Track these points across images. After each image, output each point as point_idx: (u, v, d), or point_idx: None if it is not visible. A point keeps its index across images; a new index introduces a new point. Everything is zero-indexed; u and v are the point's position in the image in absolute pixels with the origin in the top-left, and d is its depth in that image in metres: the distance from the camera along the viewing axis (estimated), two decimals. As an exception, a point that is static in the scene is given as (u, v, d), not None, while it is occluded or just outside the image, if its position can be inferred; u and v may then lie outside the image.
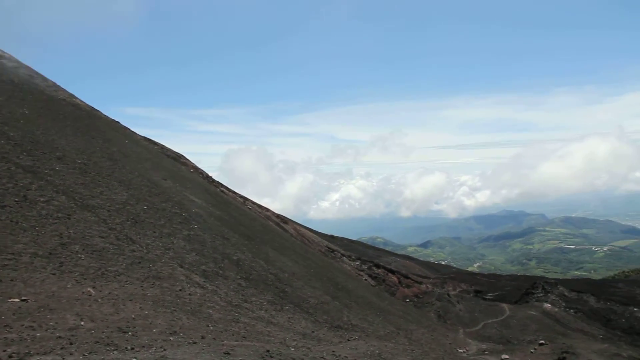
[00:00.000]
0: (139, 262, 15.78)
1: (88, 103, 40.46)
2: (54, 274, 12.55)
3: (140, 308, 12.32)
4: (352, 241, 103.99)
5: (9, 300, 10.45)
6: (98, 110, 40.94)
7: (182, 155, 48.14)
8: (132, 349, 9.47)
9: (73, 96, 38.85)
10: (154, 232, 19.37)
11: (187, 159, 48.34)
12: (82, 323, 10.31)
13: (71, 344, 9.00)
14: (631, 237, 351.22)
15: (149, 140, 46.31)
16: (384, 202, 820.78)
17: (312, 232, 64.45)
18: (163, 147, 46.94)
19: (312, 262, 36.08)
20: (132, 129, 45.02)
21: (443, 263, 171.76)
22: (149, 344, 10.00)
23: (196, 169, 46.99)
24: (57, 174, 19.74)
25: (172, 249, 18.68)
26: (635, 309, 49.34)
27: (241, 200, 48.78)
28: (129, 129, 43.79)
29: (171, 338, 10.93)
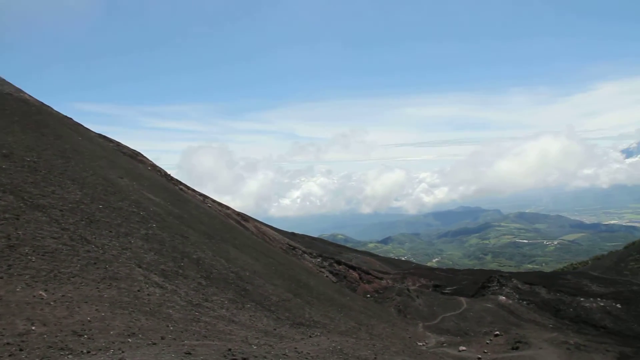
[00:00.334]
0: (95, 263, 15.27)
1: (37, 98, 38.76)
2: (1, 277, 11.98)
3: (96, 310, 11.93)
4: (314, 238, 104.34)
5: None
6: (48, 106, 39.27)
7: (139, 153, 46.89)
8: (88, 352, 9.17)
9: (20, 90, 37.10)
10: (110, 231, 18.79)
11: (145, 157, 47.12)
12: (33, 328, 9.89)
13: (21, 350, 8.63)
14: (579, 231, 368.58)
15: (104, 137, 44.85)
16: (345, 199, 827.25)
17: (273, 230, 64.22)
18: (119, 144, 45.57)
19: (274, 259, 35.96)
20: (85, 125, 43.49)
21: (403, 259, 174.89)
22: (106, 347, 9.72)
23: (154, 166, 45.88)
24: (3, 173, 18.83)
25: (130, 249, 18.18)
26: (582, 299, 51.77)
27: (201, 198, 48.01)
28: (82, 126, 42.26)
29: (129, 340, 10.65)
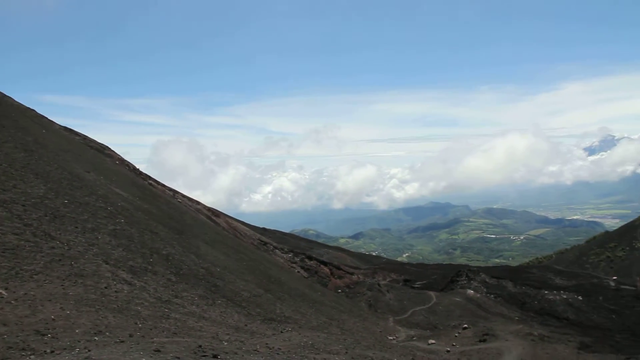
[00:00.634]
0: (60, 260, 14.83)
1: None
2: (-40, 275, 11.51)
3: (61, 308, 11.59)
4: (285, 234, 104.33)
5: None
6: (9, 97, 37.88)
7: (107, 147, 45.80)
8: (52, 352, 8.90)
9: (-19, 81, 35.65)
10: (76, 227, 18.27)
11: (113, 151, 46.06)
12: (-7, 327, 9.54)
13: (-20, 350, 8.31)
14: (544, 226, 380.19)
15: (70, 130, 43.59)
16: (317, 195, 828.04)
17: (244, 225, 63.82)
18: (85, 137, 44.39)
19: (245, 255, 35.75)
20: (50, 118, 42.18)
21: (374, 254, 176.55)
22: (72, 346, 9.45)
23: (122, 161, 44.89)
24: (-37, 166, 18.08)
25: (97, 245, 17.73)
26: (546, 292, 53.43)
27: (171, 193, 47.28)
28: (46, 118, 40.96)
29: (96, 338, 10.40)
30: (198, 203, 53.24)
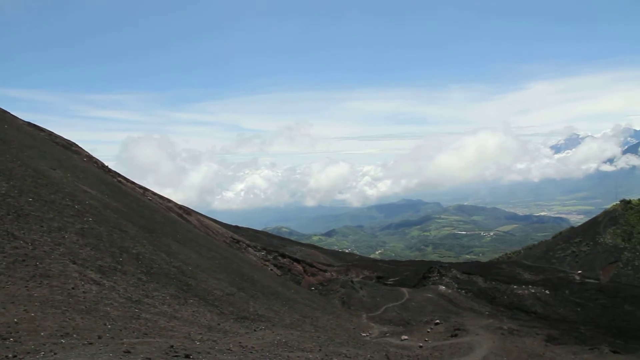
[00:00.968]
0: (23, 260, 14.31)
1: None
2: None
3: (25, 310, 11.17)
4: (258, 231, 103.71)
5: None
6: (-29, 92, 36.42)
7: (74, 143, 44.53)
8: (15, 356, 8.56)
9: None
10: (42, 226, 17.67)
11: (80, 147, 44.80)
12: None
13: (-62, 355, 7.92)
14: (513, 222, 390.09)
15: (34, 125, 42.21)
16: (289, 192, 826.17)
17: (216, 223, 63.12)
18: (51, 133, 43.05)
19: (217, 253, 35.35)
20: (12, 113, 40.73)
21: (347, 251, 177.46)
22: (36, 349, 9.11)
23: (90, 157, 43.73)
24: None
25: (63, 244, 17.19)
26: (515, 287, 54.69)
27: (141, 191, 46.34)
28: (8, 113, 39.55)
29: (63, 340, 10.06)
30: (169, 201, 52.39)
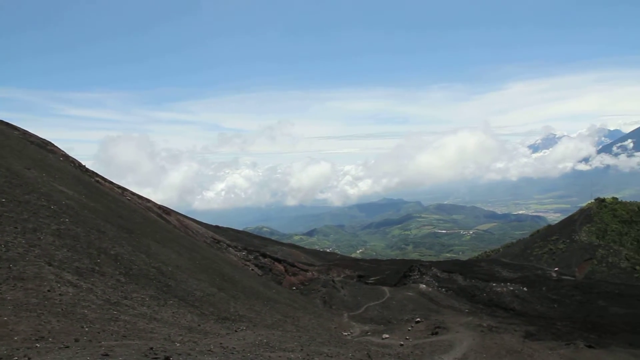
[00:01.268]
0: (-4, 262, 13.96)
1: None
2: None
3: (-3, 314, 10.90)
4: (238, 231, 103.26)
5: None
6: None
7: (50, 142, 43.59)
8: (-12, 361, 8.33)
9: None
10: (16, 227, 17.25)
11: (56, 146, 43.88)
12: None
13: None
14: (492, 221, 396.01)
15: (7, 124, 41.18)
16: (270, 192, 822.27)
17: (196, 223, 62.59)
18: (25, 132, 42.05)
19: (197, 254, 35.03)
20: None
21: (328, 250, 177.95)
22: (9, 354, 8.88)
23: (67, 157, 42.86)
24: None
25: (39, 246, 16.80)
26: (494, 284, 55.53)
27: (119, 191, 45.63)
28: (-18, 112, 38.54)
29: (37, 345, 9.83)
30: (148, 201, 51.71)
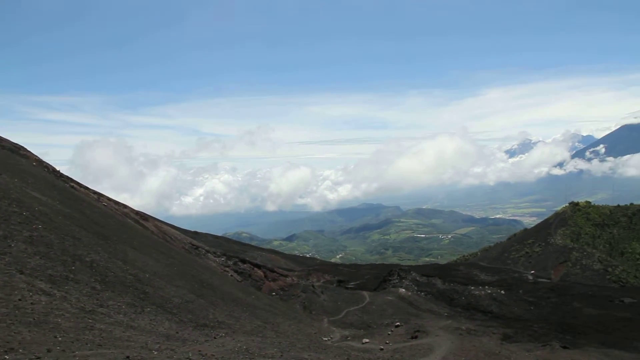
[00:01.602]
0: (-35, 270, 13.51)
1: None
2: None
3: (-34, 324, 10.53)
4: (217, 237, 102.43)
5: None
6: None
7: (22, 147, 42.57)
8: (-45, 373, 8.03)
9: None
10: (-14, 234, 16.76)
11: (29, 151, 42.88)
12: None
13: None
14: (470, 225, 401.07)
15: (-22, 129, 40.14)
16: (250, 197, 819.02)
17: (174, 229, 61.84)
18: (-3, 137, 41.04)
19: (175, 260, 34.55)
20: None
21: (308, 255, 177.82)
22: (-22, 366, 8.59)
23: (40, 162, 41.91)
24: None
25: (10, 253, 16.33)
26: (472, 288, 56.16)
27: (95, 196, 44.79)
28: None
29: (7, 357, 9.51)
30: (125, 206, 50.87)
